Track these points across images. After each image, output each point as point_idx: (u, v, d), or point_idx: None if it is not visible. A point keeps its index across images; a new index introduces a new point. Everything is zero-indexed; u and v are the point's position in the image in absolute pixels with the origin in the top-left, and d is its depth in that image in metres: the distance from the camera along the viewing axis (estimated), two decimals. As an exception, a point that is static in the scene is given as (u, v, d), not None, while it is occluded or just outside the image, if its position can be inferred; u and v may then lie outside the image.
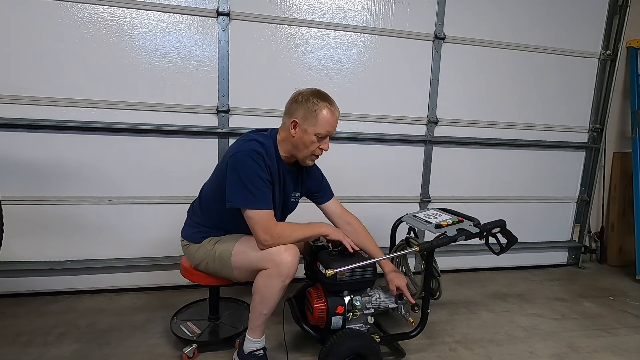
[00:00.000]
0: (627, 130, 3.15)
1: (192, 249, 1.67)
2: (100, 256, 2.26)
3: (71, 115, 2.11)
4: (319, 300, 1.61)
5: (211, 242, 1.63)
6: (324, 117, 1.50)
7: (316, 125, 1.50)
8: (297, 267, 1.50)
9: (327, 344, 1.53)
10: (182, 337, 1.77)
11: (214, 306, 1.90)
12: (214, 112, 2.29)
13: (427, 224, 1.75)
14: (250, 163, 1.45)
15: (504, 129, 2.81)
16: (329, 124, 1.52)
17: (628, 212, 3.16)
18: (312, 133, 1.51)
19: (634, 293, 2.68)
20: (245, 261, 1.54)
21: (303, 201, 1.81)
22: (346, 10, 2.41)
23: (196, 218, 1.69)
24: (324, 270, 1.55)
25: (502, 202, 2.92)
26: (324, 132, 1.52)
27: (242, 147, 1.50)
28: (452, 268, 2.89)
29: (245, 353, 1.58)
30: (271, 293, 1.48)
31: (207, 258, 1.62)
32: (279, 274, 1.46)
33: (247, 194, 1.44)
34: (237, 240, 1.60)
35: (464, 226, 1.70)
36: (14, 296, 2.17)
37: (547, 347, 1.95)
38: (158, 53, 2.18)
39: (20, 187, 2.10)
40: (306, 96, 1.52)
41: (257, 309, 1.53)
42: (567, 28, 2.79)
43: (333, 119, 1.53)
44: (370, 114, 2.54)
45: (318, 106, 1.49)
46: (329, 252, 1.66)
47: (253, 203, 1.45)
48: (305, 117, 1.50)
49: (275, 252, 1.47)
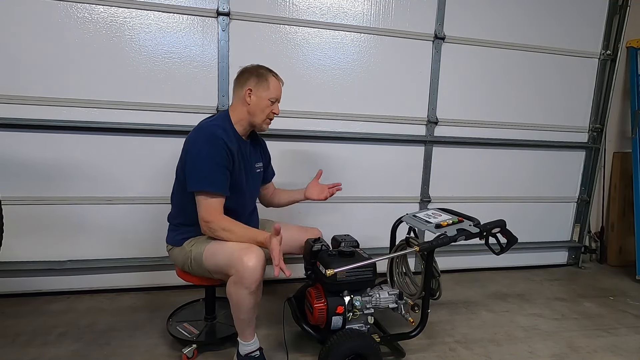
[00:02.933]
0: (627, 130, 3.15)
1: (175, 252, 1.69)
2: (100, 256, 2.26)
3: (71, 115, 2.11)
4: (319, 300, 1.61)
5: (190, 243, 1.64)
6: (274, 83, 1.66)
7: (269, 90, 1.64)
8: (262, 271, 1.44)
9: (327, 344, 1.52)
10: (180, 338, 1.77)
11: (210, 306, 1.90)
12: (214, 112, 2.29)
13: (427, 224, 1.76)
14: (208, 147, 1.52)
15: (504, 129, 2.81)
16: (278, 89, 1.68)
17: (628, 212, 3.16)
18: (266, 98, 1.64)
19: (634, 293, 2.68)
20: (215, 264, 1.54)
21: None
22: (346, 10, 2.41)
23: (174, 220, 1.72)
24: (324, 270, 1.55)
25: (502, 202, 2.92)
26: (275, 96, 1.67)
27: (200, 133, 1.56)
28: (452, 268, 2.88)
29: (242, 356, 1.59)
30: (242, 299, 1.46)
31: (186, 260, 1.63)
32: (242, 282, 1.43)
33: (200, 177, 1.51)
34: (210, 242, 1.59)
35: (464, 226, 1.70)
36: (14, 296, 2.17)
37: (547, 347, 1.95)
38: (158, 53, 2.18)
39: (20, 187, 2.10)
40: (253, 68, 1.67)
41: (235, 314, 1.53)
42: (567, 28, 2.79)
43: (280, 85, 1.70)
44: (370, 114, 2.54)
45: (268, 74, 1.66)
46: (329, 252, 1.67)
47: (205, 185, 1.51)
48: (257, 84, 1.63)
49: (237, 258, 1.43)
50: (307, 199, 1.98)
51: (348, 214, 2.60)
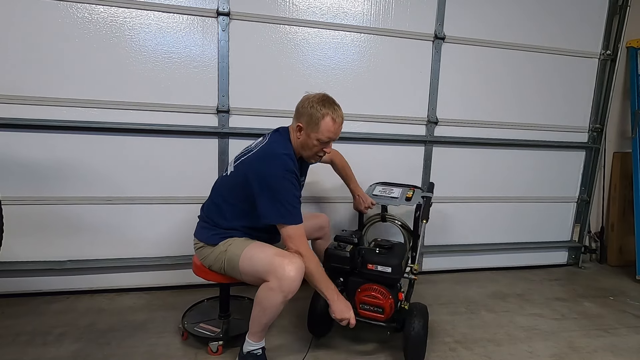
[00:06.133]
0: (627, 130, 3.15)
1: (206, 251, 1.68)
2: (100, 256, 2.26)
3: (71, 115, 2.11)
4: (386, 298, 1.70)
5: (226, 244, 1.64)
6: (326, 125, 1.58)
7: (318, 132, 1.58)
8: (299, 283, 1.49)
9: (413, 327, 1.65)
10: (205, 337, 1.78)
11: (225, 304, 1.91)
12: (214, 112, 2.29)
13: (397, 199, 2.13)
14: (287, 184, 1.54)
15: (504, 129, 2.81)
16: (330, 131, 1.59)
17: (628, 212, 3.16)
18: (314, 138, 1.60)
19: (634, 293, 2.68)
20: (251, 268, 1.55)
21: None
22: (346, 10, 2.41)
23: (215, 218, 1.69)
24: (391, 268, 1.69)
25: (502, 202, 2.92)
26: (326, 138, 1.60)
27: (275, 165, 1.55)
28: (452, 268, 2.88)
29: (244, 353, 1.60)
30: (272, 306, 1.49)
31: (219, 260, 1.63)
32: (280, 289, 1.45)
33: (284, 211, 1.53)
34: (247, 245, 1.60)
35: (422, 193, 2.12)
36: (14, 296, 2.17)
37: (547, 347, 1.95)
38: (158, 53, 2.18)
39: (20, 187, 2.10)
40: (312, 102, 1.59)
41: (258, 318, 1.54)
42: (567, 28, 2.79)
43: (335, 126, 1.60)
44: (370, 114, 2.54)
45: (321, 113, 1.57)
46: (371, 251, 1.78)
47: (289, 219, 1.54)
48: (308, 123, 1.59)
49: (279, 265, 1.46)
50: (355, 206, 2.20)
51: (348, 213, 2.60)
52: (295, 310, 2.05)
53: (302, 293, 1.59)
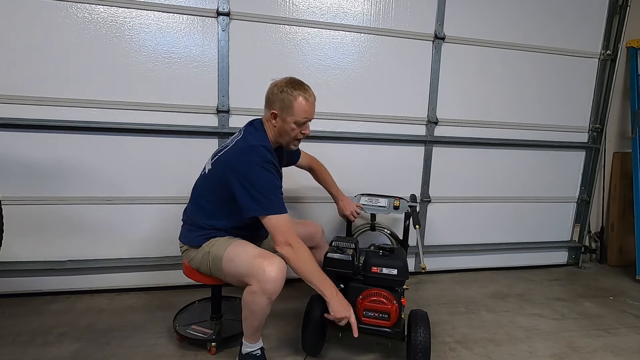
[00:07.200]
0: (627, 130, 3.15)
1: (191, 254, 1.67)
2: (100, 256, 2.26)
3: (71, 115, 2.11)
4: (391, 302, 1.64)
5: (209, 245, 1.62)
6: (300, 106, 1.57)
7: (294, 114, 1.57)
8: (282, 282, 1.45)
9: (419, 335, 1.60)
10: (197, 339, 1.77)
11: (217, 305, 1.90)
12: (214, 112, 2.29)
13: (385, 208, 2.10)
14: (265, 174, 1.50)
15: (504, 129, 2.81)
16: (305, 111, 1.58)
17: (628, 212, 3.16)
18: (291, 122, 1.58)
19: (634, 293, 2.68)
20: (234, 270, 1.53)
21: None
22: (346, 10, 2.41)
23: (197, 220, 1.67)
24: (397, 270, 1.64)
25: (502, 202, 2.92)
26: (302, 119, 1.59)
27: (251, 157, 1.51)
28: (452, 268, 2.88)
29: (243, 354, 1.60)
30: (259, 308, 1.47)
31: (205, 262, 1.61)
32: (263, 292, 1.43)
33: (265, 202, 1.49)
34: (229, 245, 1.58)
35: (408, 203, 2.13)
36: (14, 296, 2.17)
37: (547, 347, 1.95)
38: (158, 53, 2.18)
39: (20, 187, 2.10)
40: (281, 87, 1.58)
41: (249, 321, 1.53)
42: (567, 28, 2.79)
43: (309, 105, 1.59)
44: (370, 114, 2.54)
45: (293, 95, 1.56)
46: (375, 254, 1.73)
47: (271, 209, 1.50)
48: (282, 108, 1.57)
49: (259, 267, 1.43)
50: (340, 211, 2.13)
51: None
52: (295, 311, 2.05)
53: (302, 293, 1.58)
